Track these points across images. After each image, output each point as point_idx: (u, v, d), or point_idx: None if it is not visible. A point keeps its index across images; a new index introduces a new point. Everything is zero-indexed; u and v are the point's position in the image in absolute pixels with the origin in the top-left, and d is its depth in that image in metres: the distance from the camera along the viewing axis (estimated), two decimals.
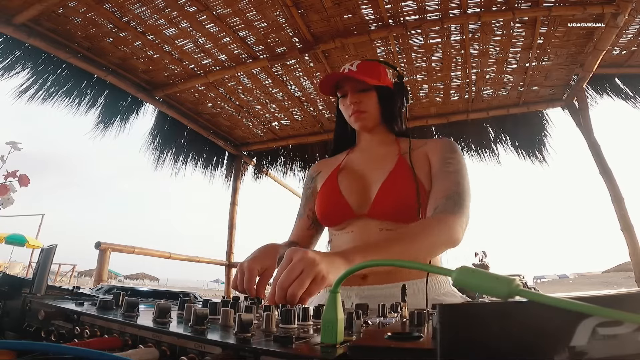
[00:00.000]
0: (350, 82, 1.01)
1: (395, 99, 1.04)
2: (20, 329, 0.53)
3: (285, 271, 0.55)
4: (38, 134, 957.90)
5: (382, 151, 1.04)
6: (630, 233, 2.40)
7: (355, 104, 1.00)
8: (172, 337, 0.36)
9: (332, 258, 0.60)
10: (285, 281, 0.54)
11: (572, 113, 2.88)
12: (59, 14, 2.18)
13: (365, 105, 1.01)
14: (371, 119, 1.03)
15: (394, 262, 0.93)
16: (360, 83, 1.00)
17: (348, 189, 0.99)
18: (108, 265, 2.43)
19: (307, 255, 0.56)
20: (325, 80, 1.02)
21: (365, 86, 1.00)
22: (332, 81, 1.03)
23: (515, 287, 0.24)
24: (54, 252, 0.61)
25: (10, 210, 2.20)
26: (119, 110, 2.97)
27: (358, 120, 1.02)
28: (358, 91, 1.01)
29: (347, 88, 1.02)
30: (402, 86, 1.06)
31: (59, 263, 17.11)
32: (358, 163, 1.05)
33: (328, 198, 1.01)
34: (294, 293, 0.54)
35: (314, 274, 0.55)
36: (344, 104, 1.04)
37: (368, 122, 1.02)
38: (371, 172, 1.00)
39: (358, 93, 1.01)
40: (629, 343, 0.23)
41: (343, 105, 1.05)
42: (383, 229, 0.93)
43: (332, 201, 1.00)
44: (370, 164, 1.02)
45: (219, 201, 5.16)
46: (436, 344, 0.24)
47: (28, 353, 0.32)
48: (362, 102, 1.01)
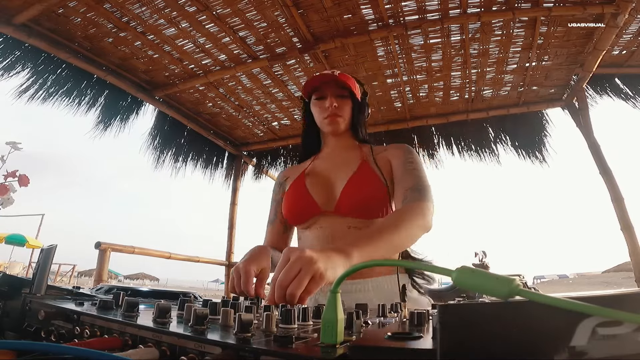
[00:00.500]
0: (331, 87, 1.07)
1: (363, 109, 1.14)
2: (20, 329, 0.53)
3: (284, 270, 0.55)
4: (38, 134, 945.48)
5: (345, 155, 1.10)
6: (630, 233, 2.40)
7: (334, 107, 1.05)
8: (172, 337, 0.36)
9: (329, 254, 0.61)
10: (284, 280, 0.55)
11: (572, 113, 2.88)
12: (59, 14, 2.19)
13: (342, 110, 1.07)
14: (343, 124, 1.09)
15: (394, 262, 0.93)
16: (340, 89, 1.07)
17: (314, 188, 1.04)
18: (108, 265, 2.43)
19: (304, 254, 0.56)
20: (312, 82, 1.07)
21: (344, 93, 1.07)
22: (318, 81, 1.07)
23: (515, 287, 0.24)
24: (54, 252, 0.61)
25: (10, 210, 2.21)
26: (119, 110, 2.97)
27: (332, 123, 1.07)
28: (337, 96, 1.07)
29: (326, 91, 1.07)
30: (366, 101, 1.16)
31: (59, 263, 17.11)
32: (324, 166, 1.11)
33: (295, 197, 1.06)
34: (292, 292, 0.54)
35: (312, 273, 0.55)
36: (319, 106, 1.09)
37: (341, 126, 1.08)
38: (336, 173, 1.06)
39: (337, 98, 1.07)
40: (629, 343, 0.23)
41: (318, 107, 1.09)
42: (351, 226, 0.97)
43: (299, 199, 1.04)
44: (335, 166, 1.08)
45: (219, 201, 5.16)
46: (436, 344, 0.24)
47: (28, 353, 0.32)
48: (340, 106, 1.07)
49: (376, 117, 3.30)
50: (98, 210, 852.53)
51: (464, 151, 3.36)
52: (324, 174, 1.08)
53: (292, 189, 1.08)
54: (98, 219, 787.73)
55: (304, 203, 1.02)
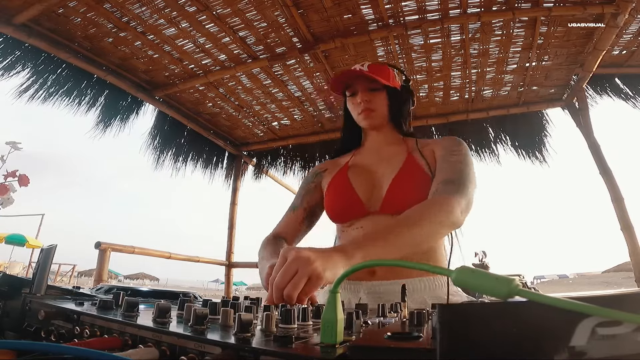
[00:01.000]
0: (361, 82, 1.03)
1: (403, 99, 1.07)
2: (20, 329, 0.53)
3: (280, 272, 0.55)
4: (38, 134, 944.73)
5: (390, 150, 1.05)
6: (630, 233, 2.40)
7: (365, 102, 1.02)
8: (172, 337, 0.36)
9: (329, 254, 0.59)
10: (281, 282, 0.54)
11: (572, 113, 2.88)
12: (59, 14, 2.18)
13: (375, 104, 1.02)
14: (379, 118, 1.04)
15: (394, 262, 0.93)
16: (371, 82, 1.02)
17: (359, 186, 0.99)
18: (108, 265, 2.43)
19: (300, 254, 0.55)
20: (338, 78, 1.04)
21: (376, 85, 1.02)
22: (344, 78, 1.04)
23: (515, 287, 0.24)
24: (54, 252, 0.61)
25: (10, 210, 2.21)
26: (119, 110, 2.97)
27: (367, 118, 1.03)
28: (368, 90, 1.02)
29: (357, 87, 1.03)
30: (408, 89, 1.08)
31: (59, 263, 17.11)
32: (367, 161, 1.06)
33: (340, 194, 1.01)
34: (289, 294, 0.53)
35: (308, 273, 0.54)
36: (353, 102, 1.05)
37: (376, 120, 1.04)
38: (381, 169, 1.00)
39: (368, 92, 1.02)
40: (629, 343, 0.23)
41: (352, 104, 1.06)
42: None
43: (345, 197, 0.99)
44: (379, 161, 1.03)
45: (219, 201, 5.15)
46: (436, 344, 0.24)
47: (28, 353, 0.32)
48: (372, 100, 1.02)
49: None
50: (98, 210, 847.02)
51: None
52: (367, 169, 1.03)
53: (335, 185, 1.03)
54: (98, 219, 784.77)
55: (349, 202, 0.98)
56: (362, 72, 0.99)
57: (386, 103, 1.04)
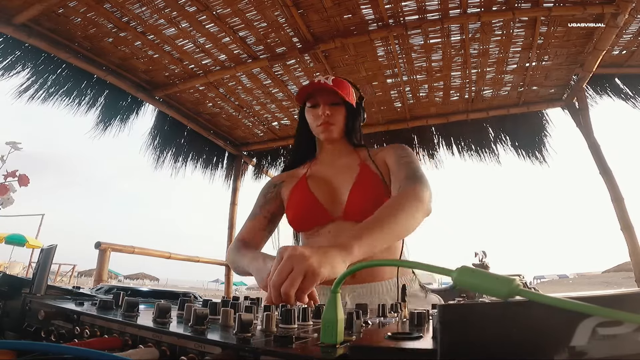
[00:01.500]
0: (323, 95, 1.06)
1: (357, 115, 1.13)
2: (20, 329, 0.53)
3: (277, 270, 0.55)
4: (38, 134, 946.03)
5: (344, 161, 1.11)
6: (630, 233, 2.40)
7: (326, 115, 1.05)
8: (172, 337, 0.36)
9: (325, 250, 0.60)
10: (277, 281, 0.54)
11: (572, 113, 2.88)
12: (59, 14, 2.18)
13: (334, 118, 1.07)
14: (337, 131, 1.08)
15: (394, 262, 0.93)
16: (333, 96, 1.06)
17: (321, 195, 1.03)
18: (108, 265, 2.43)
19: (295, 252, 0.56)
20: (305, 89, 1.07)
21: (337, 100, 1.06)
22: (310, 89, 1.08)
23: (515, 287, 0.24)
24: (54, 252, 0.61)
25: (10, 210, 2.21)
26: (119, 110, 2.97)
27: (326, 131, 1.06)
28: (330, 104, 1.06)
29: (319, 99, 1.07)
30: (361, 105, 1.15)
31: (59, 263, 17.10)
32: (324, 172, 1.10)
33: (303, 203, 1.04)
34: (286, 292, 0.53)
35: (304, 270, 0.55)
36: (313, 113, 1.08)
37: (334, 133, 1.08)
38: (338, 178, 1.06)
39: (330, 106, 1.06)
40: (629, 343, 0.23)
41: (312, 115, 1.09)
42: None
43: (307, 205, 1.03)
44: (335, 172, 1.08)
45: (219, 201, 5.15)
46: (436, 344, 0.24)
47: (28, 353, 0.32)
48: (333, 114, 1.06)
49: (376, 117, 3.30)
50: (98, 210, 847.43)
51: (464, 151, 3.36)
52: (326, 179, 1.08)
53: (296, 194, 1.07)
54: (98, 219, 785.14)
55: (312, 210, 1.01)
56: (327, 86, 1.03)
57: (344, 118, 1.09)
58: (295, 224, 1.07)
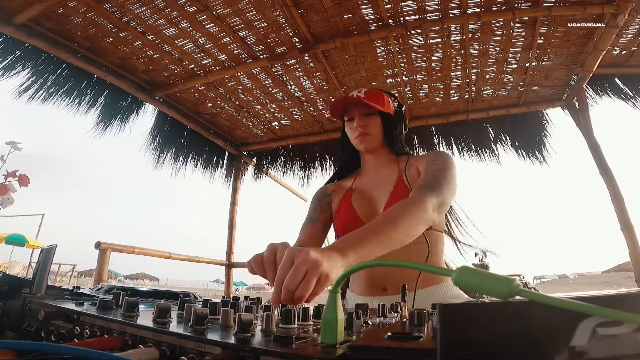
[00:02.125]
0: (357, 107, 1.11)
1: (396, 123, 1.15)
2: (20, 329, 0.53)
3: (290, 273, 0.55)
4: (38, 134, 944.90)
5: (384, 172, 1.13)
6: (630, 233, 2.40)
7: (361, 126, 1.09)
8: (172, 337, 0.36)
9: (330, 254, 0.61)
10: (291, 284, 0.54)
11: (572, 113, 2.88)
12: (59, 14, 2.18)
13: (370, 128, 1.10)
14: (375, 141, 1.12)
15: (394, 262, 0.93)
16: (366, 108, 1.10)
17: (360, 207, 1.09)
18: (108, 265, 2.43)
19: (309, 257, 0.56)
20: (336, 103, 1.12)
21: (371, 111, 1.10)
22: (341, 104, 1.12)
23: (515, 287, 0.24)
24: (54, 252, 0.61)
25: (10, 210, 2.21)
26: (119, 110, 2.97)
27: (363, 141, 1.11)
28: (364, 115, 1.10)
29: (354, 112, 1.11)
30: (401, 113, 1.17)
31: (59, 263, 17.11)
32: (365, 185, 1.15)
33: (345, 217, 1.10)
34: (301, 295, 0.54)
35: (318, 275, 0.55)
36: (350, 127, 1.13)
37: (372, 143, 1.11)
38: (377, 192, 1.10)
39: (364, 117, 1.10)
40: (629, 343, 0.23)
41: (349, 129, 1.14)
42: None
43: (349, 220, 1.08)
44: (376, 185, 1.12)
45: (219, 201, 5.15)
46: (436, 344, 0.24)
47: (28, 353, 0.32)
48: (367, 125, 1.10)
49: None
50: (98, 210, 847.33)
51: (464, 151, 3.36)
52: (367, 191, 1.12)
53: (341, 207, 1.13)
54: (98, 219, 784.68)
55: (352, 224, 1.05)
56: (358, 99, 1.06)
57: (380, 127, 1.12)
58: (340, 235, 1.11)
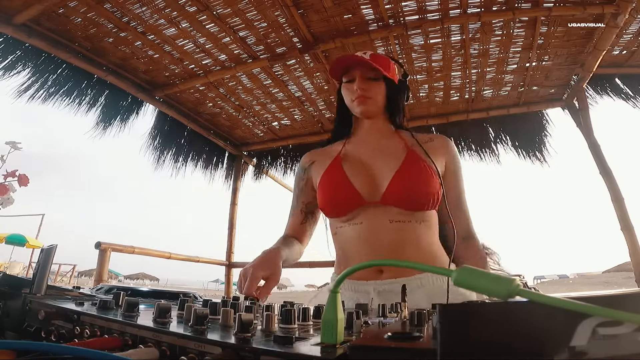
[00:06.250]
0: (361, 69, 1.00)
1: (400, 93, 1.05)
2: (20, 329, 0.53)
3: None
4: (38, 134, 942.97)
5: (386, 142, 1.02)
6: (630, 233, 2.40)
7: (362, 89, 0.99)
8: (172, 337, 0.36)
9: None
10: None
11: (572, 113, 2.88)
12: (59, 14, 2.18)
13: (371, 92, 1.00)
14: (375, 106, 1.01)
15: (394, 262, 0.93)
16: (370, 71, 0.99)
17: (356, 178, 0.96)
18: (108, 265, 2.43)
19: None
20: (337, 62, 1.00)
21: (375, 75, 0.99)
22: (346, 63, 1.01)
23: (515, 287, 0.24)
24: (54, 252, 0.61)
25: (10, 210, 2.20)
26: (119, 110, 2.97)
27: (361, 104, 0.99)
28: (367, 78, 1.00)
29: (355, 73, 1.00)
30: (406, 84, 1.07)
31: (59, 263, 17.12)
32: (361, 152, 1.02)
33: (335, 185, 0.97)
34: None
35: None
36: (349, 88, 1.02)
37: (371, 107, 1.01)
38: (379, 162, 0.98)
39: (367, 80, 1.00)
40: (629, 343, 0.23)
41: (347, 90, 1.03)
42: (393, 220, 0.91)
43: (340, 188, 0.96)
44: (377, 153, 1.00)
45: (219, 201, 5.15)
46: (436, 344, 0.24)
47: (28, 353, 0.32)
48: (369, 89, 1.00)
49: None
50: (98, 210, 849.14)
51: (464, 151, 3.36)
52: (363, 160, 1.00)
53: (328, 176, 0.99)
54: (98, 219, 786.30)
55: (345, 193, 0.94)
56: (363, 60, 0.96)
57: (383, 93, 1.02)
58: (327, 210, 1.00)
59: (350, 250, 0.96)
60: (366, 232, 0.93)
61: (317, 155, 1.11)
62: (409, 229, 0.92)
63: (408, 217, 0.92)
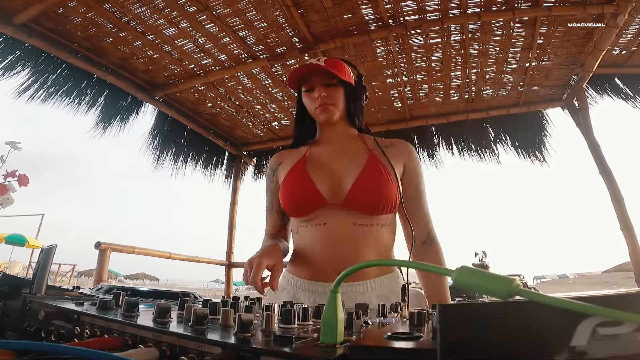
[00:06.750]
0: (319, 77, 1.01)
1: (357, 95, 1.07)
2: (20, 329, 0.53)
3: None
4: (38, 134, 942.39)
5: (349, 145, 1.05)
6: (630, 233, 2.40)
7: (323, 97, 1.00)
8: (172, 337, 0.36)
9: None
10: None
11: (572, 113, 2.88)
12: (59, 14, 2.18)
13: (332, 99, 1.01)
14: (337, 112, 1.03)
15: (393, 262, 0.93)
16: (328, 77, 1.00)
17: (318, 178, 0.98)
18: (108, 265, 2.43)
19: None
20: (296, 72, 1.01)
21: (333, 81, 1.01)
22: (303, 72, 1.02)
23: (515, 287, 0.24)
24: (54, 252, 0.61)
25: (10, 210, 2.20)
26: (119, 110, 2.97)
27: (324, 112, 1.01)
28: (326, 85, 1.01)
29: (314, 81, 1.02)
30: (362, 84, 1.09)
31: (59, 263, 17.11)
32: (325, 155, 1.04)
33: (296, 186, 0.99)
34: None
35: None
36: (309, 97, 1.04)
37: (333, 114, 1.02)
38: (342, 164, 1.00)
39: (326, 87, 1.01)
40: (629, 343, 0.23)
41: (308, 99, 1.04)
42: (356, 223, 0.94)
43: (302, 189, 0.97)
44: (339, 156, 1.02)
45: (219, 201, 5.15)
46: (436, 344, 0.24)
47: (28, 353, 0.32)
48: (330, 95, 1.01)
49: (376, 117, 3.30)
50: (98, 210, 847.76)
51: (464, 151, 3.36)
52: (327, 163, 1.01)
53: (291, 176, 1.01)
54: (98, 219, 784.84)
55: (307, 193, 0.96)
56: (320, 67, 0.98)
57: (343, 98, 1.03)
58: (290, 210, 1.00)
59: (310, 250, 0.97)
60: (329, 233, 0.95)
61: (284, 156, 1.12)
62: (371, 232, 0.95)
63: (370, 221, 0.95)
